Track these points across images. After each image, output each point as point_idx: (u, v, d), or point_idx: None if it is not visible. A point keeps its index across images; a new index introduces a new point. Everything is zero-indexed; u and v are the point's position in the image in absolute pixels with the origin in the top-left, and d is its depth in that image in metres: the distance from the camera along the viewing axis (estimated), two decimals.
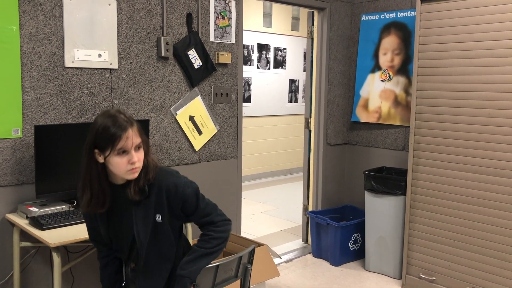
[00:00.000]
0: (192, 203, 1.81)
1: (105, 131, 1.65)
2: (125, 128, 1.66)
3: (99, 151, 1.67)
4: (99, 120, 1.69)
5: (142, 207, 1.78)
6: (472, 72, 3.09)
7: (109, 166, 1.70)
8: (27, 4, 2.52)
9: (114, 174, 1.72)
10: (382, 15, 4.05)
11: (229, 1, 3.42)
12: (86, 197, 1.73)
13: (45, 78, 2.61)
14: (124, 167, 1.68)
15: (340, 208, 4.34)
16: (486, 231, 3.08)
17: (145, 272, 1.84)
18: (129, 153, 1.67)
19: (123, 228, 1.81)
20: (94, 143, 1.67)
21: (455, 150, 3.20)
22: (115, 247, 1.88)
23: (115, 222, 1.82)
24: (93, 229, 1.89)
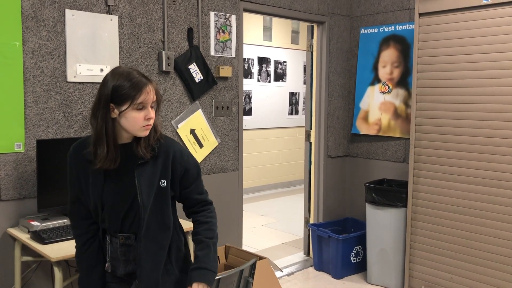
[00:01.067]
0: (193, 175, 1.78)
1: (122, 84, 1.59)
2: (145, 83, 1.62)
3: (115, 105, 1.61)
4: (116, 75, 1.62)
5: (147, 169, 1.70)
6: (471, 84, 3.11)
7: (122, 121, 1.63)
8: (30, 20, 2.55)
9: (123, 131, 1.66)
10: (381, 28, 4.09)
11: (230, 16, 3.46)
12: (102, 152, 1.62)
13: (47, 92, 2.63)
14: (140, 122, 1.62)
15: (341, 221, 4.33)
16: (487, 242, 3.08)
17: (146, 241, 1.71)
18: (147, 108, 1.63)
19: (122, 191, 1.70)
20: (111, 97, 1.60)
21: (456, 161, 3.21)
22: (105, 216, 1.71)
23: (112, 183, 1.70)
24: (80, 191, 1.73)
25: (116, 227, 1.72)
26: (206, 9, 3.32)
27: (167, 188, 1.73)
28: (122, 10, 2.90)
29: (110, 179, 1.70)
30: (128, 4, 2.92)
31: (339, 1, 4.25)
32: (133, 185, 1.69)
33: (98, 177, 1.69)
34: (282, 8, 3.81)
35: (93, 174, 1.69)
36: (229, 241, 3.51)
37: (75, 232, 1.80)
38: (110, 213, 1.71)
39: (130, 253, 1.74)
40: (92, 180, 1.69)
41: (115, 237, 1.74)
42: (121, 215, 1.71)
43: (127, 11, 2.92)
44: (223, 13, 3.42)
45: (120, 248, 1.74)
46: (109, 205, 1.70)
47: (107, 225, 1.73)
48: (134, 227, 1.72)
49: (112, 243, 1.75)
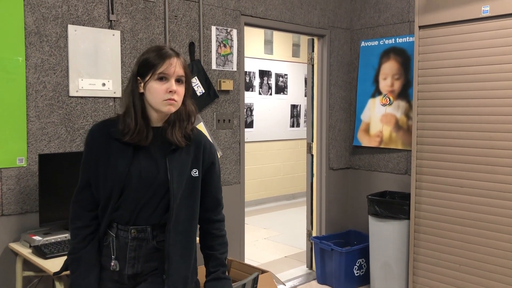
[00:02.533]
0: (217, 171, 1.75)
1: (148, 56, 1.59)
2: (170, 54, 1.59)
3: (141, 78, 1.59)
4: (147, 49, 1.64)
5: (180, 156, 1.64)
6: (472, 96, 3.12)
7: (147, 95, 1.58)
8: (33, 36, 2.58)
9: (151, 109, 1.60)
10: (381, 41, 4.11)
11: (231, 30, 3.49)
12: (131, 123, 1.57)
13: (50, 107, 2.65)
14: (161, 94, 1.56)
15: (344, 233, 4.31)
16: (491, 254, 3.06)
17: (175, 233, 1.61)
18: (169, 81, 1.57)
19: (150, 176, 1.59)
20: (138, 70, 1.60)
21: (458, 173, 3.20)
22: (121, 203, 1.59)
23: (140, 166, 1.60)
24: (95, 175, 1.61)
25: (129, 217, 1.60)
26: (208, 24, 3.35)
27: (199, 178, 1.67)
28: (124, 25, 2.93)
29: (138, 161, 1.60)
30: (130, 19, 2.95)
31: (339, 15, 4.29)
32: (164, 171, 1.60)
33: (125, 157, 1.59)
34: (283, 22, 3.85)
35: (120, 153, 1.59)
36: (231, 254, 3.49)
37: (75, 224, 1.64)
38: (129, 200, 1.59)
39: (141, 249, 1.62)
40: (115, 160, 1.59)
41: (124, 231, 1.61)
42: (142, 202, 1.60)
43: (129, 26, 2.95)
44: (224, 27, 3.45)
45: (131, 242, 1.61)
46: (131, 190, 1.59)
47: (119, 215, 1.60)
48: (153, 218, 1.61)
49: (119, 238, 1.61)
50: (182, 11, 3.21)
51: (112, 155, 1.60)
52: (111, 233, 1.63)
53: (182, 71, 1.61)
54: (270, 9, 3.74)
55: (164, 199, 1.61)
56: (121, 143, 1.60)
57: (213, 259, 1.73)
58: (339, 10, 4.28)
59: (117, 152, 1.60)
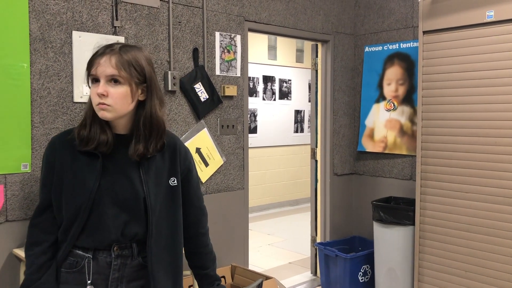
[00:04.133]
0: (195, 177, 1.60)
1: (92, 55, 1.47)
2: (100, 53, 1.43)
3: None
4: None
5: (154, 164, 1.49)
6: (477, 101, 3.11)
7: None
8: (38, 42, 2.59)
9: None
10: (385, 46, 4.11)
11: (234, 36, 3.50)
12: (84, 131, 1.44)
13: (54, 113, 2.65)
14: (94, 99, 1.41)
15: (348, 239, 4.29)
16: (497, 261, 3.03)
17: (158, 249, 1.48)
18: (99, 83, 1.40)
19: (124, 189, 1.44)
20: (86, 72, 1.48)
21: (463, 179, 3.18)
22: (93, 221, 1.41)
23: (112, 179, 1.44)
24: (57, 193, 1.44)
25: (108, 236, 1.42)
26: (211, 30, 3.36)
27: (178, 187, 1.53)
28: (128, 31, 2.94)
29: (108, 173, 1.44)
30: (134, 25, 2.96)
31: (343, 20, 4.29)
32: (139, 183, 1.45)
33: (93, 170, 1.42)
34: (286, 27, 3.85)
35: (87, 166, 1.42)
36: (235, 260, 3.48)
37: (32, 250, 1.45)
38: (105, 217, 1.42)
39: (125, 268, 1.47)
40: (82, 174, 1.42)
41: (105, 250, 1.44)
42: (122, 218, 1.43)
43: (133, 32, 2.96)
44: (228, 33, 3.46)
45: (114, 261, 1.45)
46: (105, 206, 1.42)
47: (95, 234, 1.42)
48: (138, 234, 1.47)
49: (97, 259, 1.44)
50: (186, 17, 3.22)
51: (79, 169, 1.43)
52: (86, 254, 1.44)
53: (115, 70, 1.39)
54: (274, 15, 3.75)
55: (144, 213, 1.47)
56: (88, 156, 1.44)
57: (206, 277, 1.65)
58: (342, 15, 4.28)
59: (84, 166, 1.43)
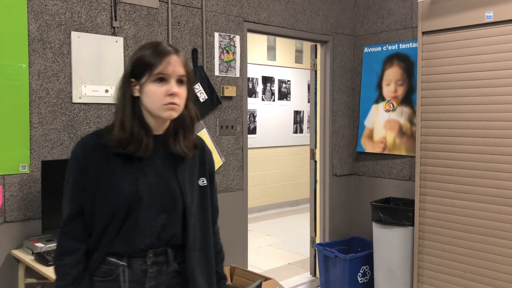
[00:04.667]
0: (214, 179, 1.60)
1: (144, 55, 1.38)
2: (168, 51, 1.38)
3: (135, 80, 1.38)
4: (141, 47, 1.43)
5: (187, 165, 1.47)
6: (476, 102, 3.11)
7: (144, 99, 1.38)
8: (37, 43, 2.58)
9: (148, 114, 1.40)
10: (384, 47, 4.11)
11: (234, 36, 3.49)
12: (125, 133, 1.37)
13: (53, 114, 2.65)
14: (160, 98, 1.35)
15: (347, 240, 4.28)
16: (497, 262, 3.03)
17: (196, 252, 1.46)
18: (169, 82, 1.37)
19: (162, 191, 1.40)
20: (131, 70, 1.39)
21: (462, 179, 3.18)
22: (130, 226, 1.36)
23: (149, 181, 1.39)
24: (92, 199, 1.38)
25: (143, 240, 1.38)
26: (210, 30, 3.36)
27: (208, 187, 1.52)
28: (127, 32, 2.94)
29: (145, 176, 1.39)
30: (133, 25, 2.96)
31: (342, 21, 4.29)
32: (176, 184, 1.42)
33: (129, 173, 1.37)
34: (285, 28, 3.85)
35: (122, 169, 1.37)
36: (235, 261, 3.47)
37: (63, 261, 1.37)
38: (141, 222, 1.37)
39: (161, 275, 1.42)
40: (118, 177, 1.37)
41: (140, 257, 1.39)
42: (159, 222, 1.39)
43: (132, 33, 2.96)
44: (227, 33, 3.46)
45: (150, 269, 1.39)
46: (142, 210, 1.38)
47: (127, 239, 1.37)
48: (174, 238, 1.43)
49: (133, 267, 1.39)
50: (185, 17, 3.21)
51: (114, 172, 1.38)
52: (121, 262, 1.39)
53: (183, 70, 1.40)
54: (273, 16, 3.75)
55: (181, 214, 1.45)
56: (122, 158, 1.38)
57: (216, 275, 1.62)
58: (342, 16, 4.28)
59: (119, 168, 1.38)
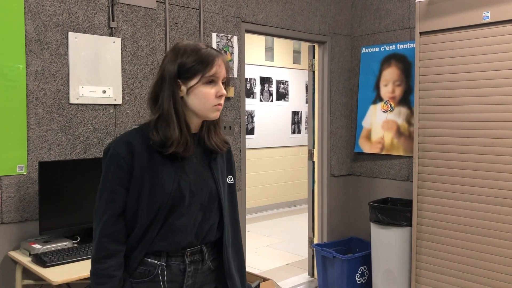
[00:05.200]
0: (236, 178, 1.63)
1: (194, 55, 1.39)
2: (218, 55, 1.41)
3: (182, 81, 1.40)
4: (181, 49, 1.41)
5: (218, 163, 1.51)
6: (474, 102, 3.11)
7: (191, 100, 1.40)
8: (34, 43, 2.58)
9: (191, 114, 1.42)
10: (382, 47, 4.11)
11: (231, 37, 3.49)
12: (174, 134, 1.37)
13: (50, 114, 2.64)
14: (211, 99, 1.39)
15: (346, 240, 4.28)
16: (494, 262, 3.03)
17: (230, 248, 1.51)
18: (218, 84, 1.41)
19: (201, 188, 1.43)
20: (178, 71, 1.39)
21: (460, 180, 3.18)
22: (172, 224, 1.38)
23: (189, 179, 1.41)
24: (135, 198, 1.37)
25: (184, 238, 1.39)
26: (208, 31, 3.35)
27: (235, 184, 1.57)
28: (125, 33, 2.93)
29: (185, 174, 1.41)
30: (130, 26, 2.96)
31: (339, 21, 4.29)
32: (212, 182, 1.46)
33: (171, 171, 1.38)
34: (283, 28, 3.85)
35: (164, 168, 1.38)
36: None
37: (107, 263, 1.35)
38: (182, 220, 1.39)
39: (197, 273, 1.45)
40: (160, 176, 1.38)
41: (178, 256, 1.41)
42: (198, 220, 1.42)
43: (129, 33, 2.95)
44: (225, 34, 3.45)
45: (188, 268, 1.41)
46: (184, 208, 1.39)
47: (168, 237, 1.38)
48: (209, 235, 1.46)
49: (171, 267, 1.40)
50: (182, 18, 3.21)
51: (157, 171, 1.38)
52: (159, 262, 1.40)
53: (226, 72, 1.46)
54: (271, 16, 3.75)
55: (217, 212, 1.48)
56: (164, 156, 1.39)
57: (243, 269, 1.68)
58: (339, 16, 4.28)
59: (161, 167, 1.39)
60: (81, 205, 2.60)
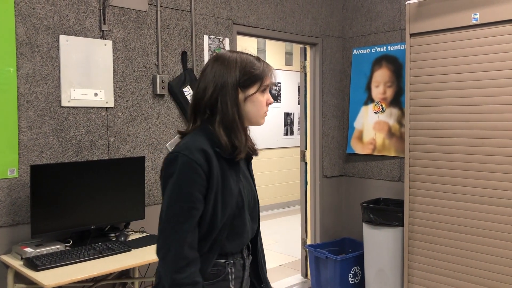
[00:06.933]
0: None
1: (252, 65, 1.49)
2: (269, 65, 1.56)
3: (242, 89, 1.48)
4: (237, 57, 1.50)
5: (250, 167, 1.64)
6: (464, 102, 3.14)
7: (248, 107, 1.49)
8: (25, 46, 2.57)
9: (247, 122, 1.52)
10: (373, 48, 4.14)
11: (223, 39, 3.50)
12: (242, 138, 1.46)
13: (42, 118, 2.63)
14: (264, 107, 1.52)
15: (338, 241, 4.30)
16: (485, 261, 3.06)
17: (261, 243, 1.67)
18: (267, 93, 1.54)
19: (250, 190, 1.56)
20: (239, 80, 1.47)
21: (451, 180, 3.21)
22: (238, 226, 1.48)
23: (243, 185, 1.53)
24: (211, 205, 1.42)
25: (247, 238, 1.54)
26: (200, 33, 3.36)
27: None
28: (116, 35, 2.93)
29: (240, 179, 1.52)
30: (122, 29, 2.95)
31: (331, 23, 4.31)
32: (253, 184, 1.60)
33: (234, 176, 1.48)
34: (275, 30, 3.86)
35: (230, 173, 1.47)
36: None
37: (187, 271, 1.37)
38: (243, 221, 1.50)
39: (247, 267, 1.60)
40: (229, 181, 1.46)
41: (238, 253, 1.53)
42: (250, 220, 1.55)
43: (121, 36, 2.95)
44: (217, 36, 3.46)
45: (246, 263, 1.57)
46: (244, 210, 1.50)
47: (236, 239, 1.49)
48: (253, 232, 1.60)
49: (235, 264, 1.52)
50: (174, 20, 3.21)
51: (226, 176, 1.46)
52: (227, 261, 1.50)
53: None
54: (262, 18, 3.76)
55: (257, 212, 1.61)
56: (227, 162, 1.47)
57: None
58: (331, 18, 4.31)
59: (228, 172, 1.47)
60: (73, 208, 2.60)
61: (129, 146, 3.00)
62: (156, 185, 3.14)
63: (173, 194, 1.38)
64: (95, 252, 2.45)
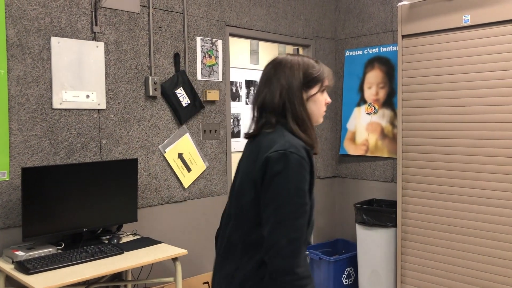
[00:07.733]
0: None
1: (313, 67, 1.58)
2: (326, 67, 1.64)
3: (305, 89, 1.56)
4: (299, 60, 1.58)
5: None
6: (455, 104, 3.16)
7: (310, 106, 1.57)
8: (16, 48, 2.55)
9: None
10: (366, 50, 4.15)
11: (216, 40, 3.50)
12: (315, 136, 1.56)
13: (33, 120, 2.62)
14: (323, 107, 1.61)
15: (332, 242, 4.30)
16: (478, 261, 3.07)
17: None
18: (326, 93, 1.63)
19: None
20: (302, 81, 1.55)
21: (443, 180, 3.23)
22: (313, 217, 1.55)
23: None
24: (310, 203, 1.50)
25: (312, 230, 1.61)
26: (192, 35, 3.35)
27: None
28: (108, 37, 2.92)
29: None
30: (114, 30, 2.94)
31: (323, 25, 4.32)
32: None
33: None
34: (267, 32, 3.86)
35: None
36: None
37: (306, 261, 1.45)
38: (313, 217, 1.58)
39: None
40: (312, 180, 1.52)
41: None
42: None
43: (113, 38, 2.94)
44: (209, 38, 3.46)
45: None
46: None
47: (311, 234, 1.61)
48: None
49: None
50: (166, 22, 3.21)
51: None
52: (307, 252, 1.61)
53: None
54: (255, 20, 3.76)
55: None
56: None
57: None
58: (323, 20, 4.32)
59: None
60: (65, 211, 2.58)
61: (121, 148, 2.99)
62: (148, 187, 3.13)
63: (286, 192, 1.40)
64: (87, 255, 2.43)
